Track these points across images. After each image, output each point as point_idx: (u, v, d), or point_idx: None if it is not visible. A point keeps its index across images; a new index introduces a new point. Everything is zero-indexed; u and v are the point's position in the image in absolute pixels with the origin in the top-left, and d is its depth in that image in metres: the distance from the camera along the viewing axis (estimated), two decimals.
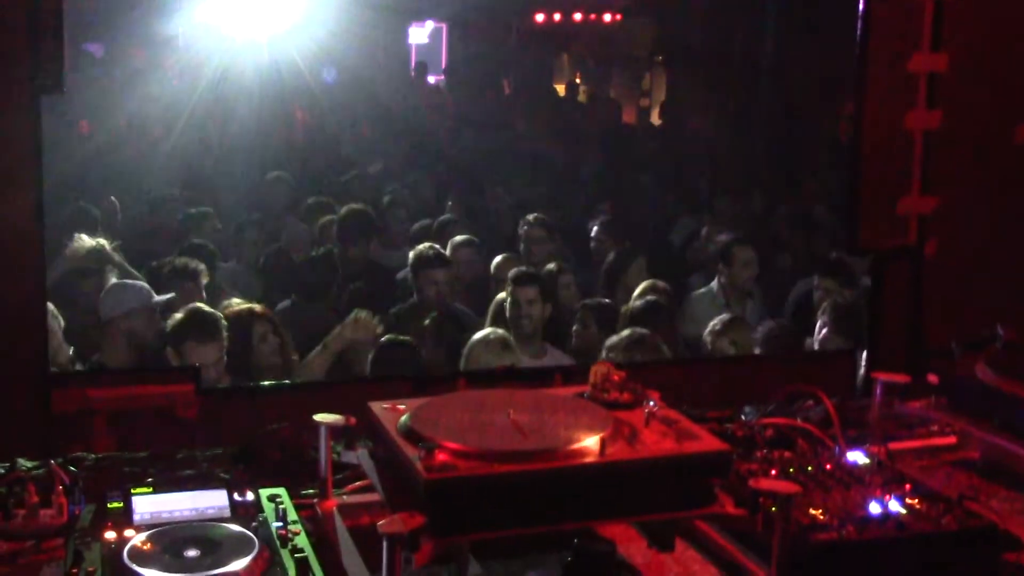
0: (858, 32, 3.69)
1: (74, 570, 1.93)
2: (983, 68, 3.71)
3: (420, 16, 14.04)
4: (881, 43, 3.69)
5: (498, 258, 6.42)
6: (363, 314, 5.01)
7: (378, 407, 2.20)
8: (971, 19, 3.71)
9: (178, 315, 4.71)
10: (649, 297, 5.64)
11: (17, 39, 2.72)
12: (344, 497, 2.35)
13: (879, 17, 3.68)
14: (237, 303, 5.01)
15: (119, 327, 4.91)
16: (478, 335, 5.03)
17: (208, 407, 2.99)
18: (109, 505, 2.17)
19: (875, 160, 3.74)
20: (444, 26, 14.53)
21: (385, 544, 1.78)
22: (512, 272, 5.63)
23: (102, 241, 5.65)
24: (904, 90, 3.73)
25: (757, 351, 5.06)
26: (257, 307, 4.85)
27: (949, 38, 3.70)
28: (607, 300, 5.92)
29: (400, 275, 6.31)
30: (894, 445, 2.79)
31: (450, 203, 7.95)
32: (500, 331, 5.07)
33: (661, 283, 5.86)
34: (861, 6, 3.68)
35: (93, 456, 2.50)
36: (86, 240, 5.61)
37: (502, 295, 5.61)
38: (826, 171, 7.58)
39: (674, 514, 2.07)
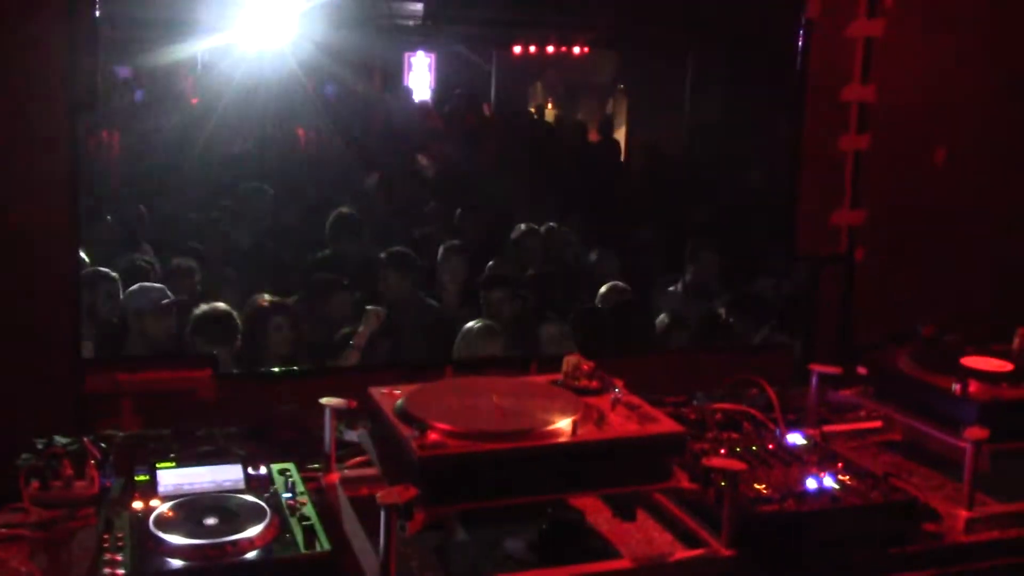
0: (798, 63, 3.71)
1: (105, 536, 1.92)
2: (907, 97, 3.73)
3: (413, 47, 14.03)
4: (817, 74, 3.70)
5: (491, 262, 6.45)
6: (373, 307, 5.01)
7: (377, 392, 2.19)
8: (897, 55, 3.72)
9: (195, 312, 4.72)
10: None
11: (56, 59, 2.69)
12: (346, 471, 2.34)
13: (816, 51, 3.69)
14: (267, 298, 4.96)
15: (136, 324, 4.93)
16: (468, 324, 5.04)
17: (224, 391, 2.96)
18: (136, 478, 2.15)
19: (811, 177, 3.75)
20: (433, 55, 14.50)
21: (383, 513, 1.77)
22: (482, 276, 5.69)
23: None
24: (837, 116, 3.74)
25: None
26: (276, 299, 4.81)
27: (877, 71, 3.72)
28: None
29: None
30: (828, 428, 2.80)
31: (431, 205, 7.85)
32: (487, 321, 5.07)
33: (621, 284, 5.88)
34: (800, 41, 3.69)
35: (122, 434, 2.47)
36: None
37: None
38: (766, 184, 7.60)
39: (636, 488, 2.07)
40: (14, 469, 2.16)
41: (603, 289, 5.85)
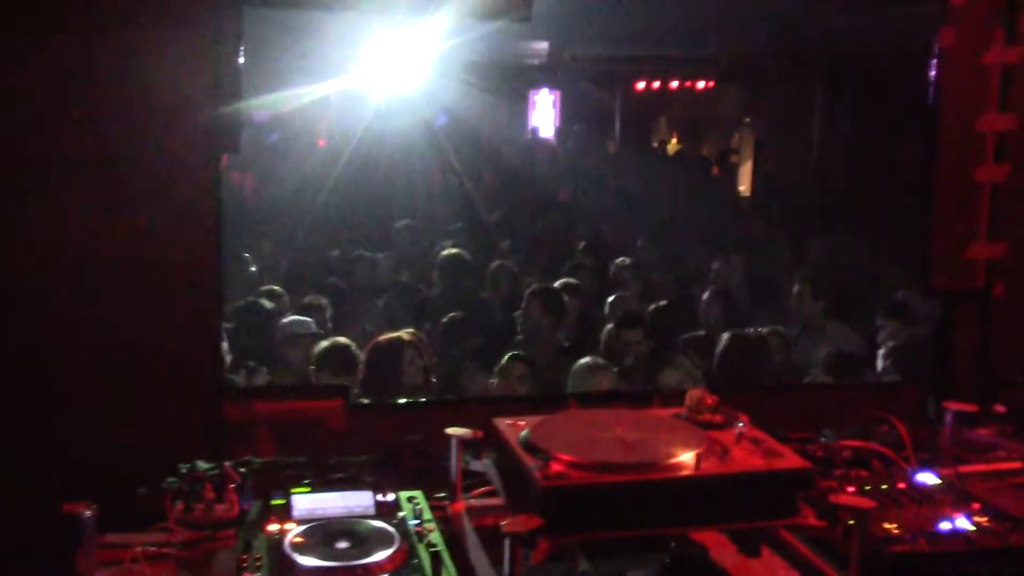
0: (930, 95, 3.63)
1: (244, 556, 2.01)
2: None
3: (536, 84, 14.22)
4: (951, 105, 3.62)
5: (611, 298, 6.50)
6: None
7: (502, 423, 2.24)
8: None
9: (321, 345, 4.91)
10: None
11: (202, 102, 2.85)
12: (471, 500, 2.39)
13: (950, 80, 3.61)
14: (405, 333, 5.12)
15: (281, 353, 5.19)
16: (581, 361, 5.08)
17: (355, 420, 3.06)
18: (272, 502, 2.25)
19: (947, 210, 3.65)
20: (557, 93, 14.67)
21: (507, 542, 1.81)
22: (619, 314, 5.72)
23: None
24: (974, 146, 3.64)
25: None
26: (406, 334, 4.95)
27: (1014, 100, 3.61)
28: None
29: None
30: (963, 468, 2.71)
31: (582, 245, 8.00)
32: (598, 359, 5.11)
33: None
34: (933, 72, 3.61)
35: (259, 460, 2.58)
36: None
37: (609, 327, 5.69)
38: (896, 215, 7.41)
39: (761, 524, 2.05)
40: (161, 491, 2.29)
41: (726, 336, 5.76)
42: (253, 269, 6.93)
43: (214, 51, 2.83)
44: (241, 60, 2.87)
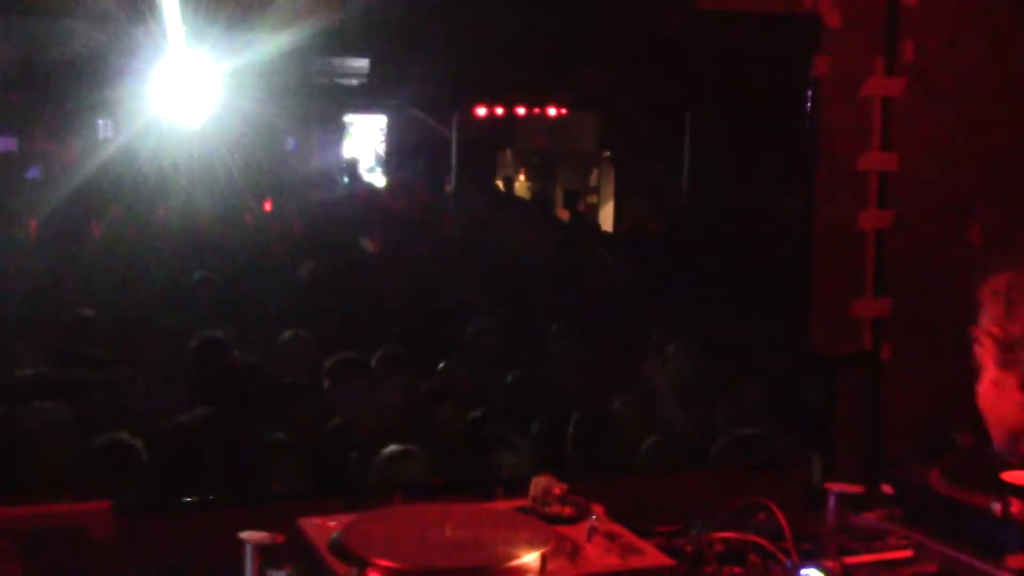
0: (805, 128, 3.86)
1: None
2: (931, 166, 3.88)
3: (358, 110, 14.27)
4: (829, 141, 3.85)
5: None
6: None
7: (308, 523, 2.23)
8: (919, 118, 3.88)
9: None
10: None
11: None
12: None
13: (826, 114, 3.85)
14: None
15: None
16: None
17: (124, 526, 2.98)
18: None
19: (827, 261, 3.87)
20: (385, 118, 14.76)
21: None
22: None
23: None
24: (855, 189, 3.88)
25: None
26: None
27: (898, 137, 3.88)
28: None
29: None
30: (850, 560, 2.84)
31: None
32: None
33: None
34: (808, 105, 3.85)
35: None
36: None
37: None
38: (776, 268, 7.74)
39: None
40: None
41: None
42: None
43: None
44: None
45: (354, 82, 12.48)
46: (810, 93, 3.82)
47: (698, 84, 9.93)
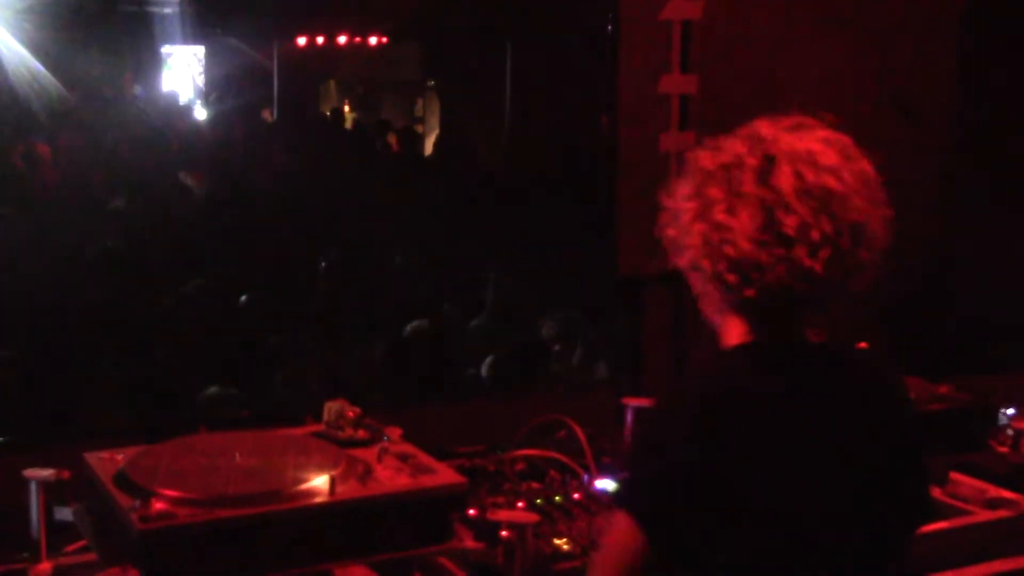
0: (608, 52, 3.91)
1: None
2: (733, 89, 3.98)
3: (174, 40, 13.84)
4: (631, 64, 3.91)
5: None
6: None
7: (94, 457, 2.19)
8: (720, 40, 3.97)
9: None
10: None
11: None
12: (60, 559, 2.33)
13: (629, 38, 3.90)
14: None
15: None
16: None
17: None
18: None
19: (630, 182, 3.94)
20: (201, 48, 14.34)
21: None
22: None
23: None
24: (657, 111, 3.95)
25: None
26: None
27: (698, 60, 3.96)
28: None
29: None
30: None
31: None
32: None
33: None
34: (610, 27, 3.89)
35: None
36: None
37: None
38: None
39: (410, 552, 2.14)
40: None
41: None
42: None
43: None
44: None
45: (168, 10, 12.11)
46: (611, 16, 3.87)
47: (517, 13, 9.98)
